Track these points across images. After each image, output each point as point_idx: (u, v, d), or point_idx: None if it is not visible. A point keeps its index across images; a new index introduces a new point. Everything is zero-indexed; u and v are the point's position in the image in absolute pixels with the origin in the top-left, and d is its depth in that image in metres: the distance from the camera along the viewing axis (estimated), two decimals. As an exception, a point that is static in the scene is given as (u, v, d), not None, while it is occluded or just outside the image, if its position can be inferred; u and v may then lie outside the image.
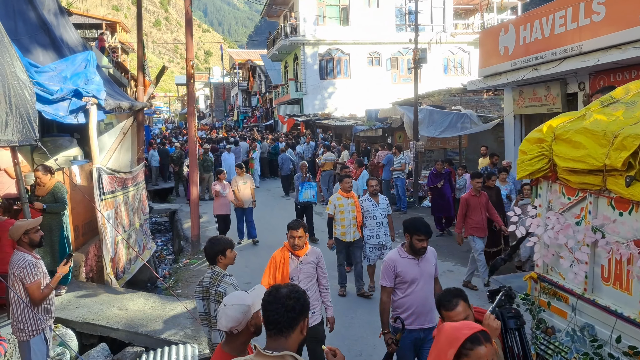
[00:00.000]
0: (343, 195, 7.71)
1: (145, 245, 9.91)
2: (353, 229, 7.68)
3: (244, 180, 11.16)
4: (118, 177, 8.37)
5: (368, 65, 32.27)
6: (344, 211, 7.64)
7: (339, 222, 7.69)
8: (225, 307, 2.69)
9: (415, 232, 4.19)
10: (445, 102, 19.37)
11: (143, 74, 11.51)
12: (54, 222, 6.82)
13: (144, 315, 6.54)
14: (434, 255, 4.45)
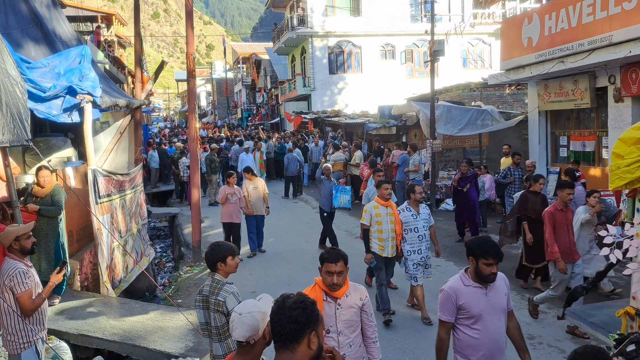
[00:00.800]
0: (381, 203, 7.14)
1: (144, 251, 9.95)
2: (392, 242, 7.13)
3: (255, 184, 10.87)
4: (114, 180, 8.42)
5: (381, 58, 32.22)
6: (381, 222, 7.08)
7: (375, 234, 7.13)
8: (241, 315, 2.67)
9: (483, 254, 3.60)
10: (465, 98, 19.29)
11: (141, 70, 11.58)
12: (50, 228, 6.85)
13: (143, 327, 6.57)
14: (505, 283, 3.83)
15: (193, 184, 11.12)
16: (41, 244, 6.69)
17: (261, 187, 10.91)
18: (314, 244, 11.60)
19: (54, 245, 6.88)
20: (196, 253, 10.99)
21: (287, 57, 38.69)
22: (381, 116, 18.95)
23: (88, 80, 7.14)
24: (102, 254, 7.53)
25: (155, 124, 53.75)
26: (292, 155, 18.06)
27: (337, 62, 32.13)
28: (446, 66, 29.59)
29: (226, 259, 4.17)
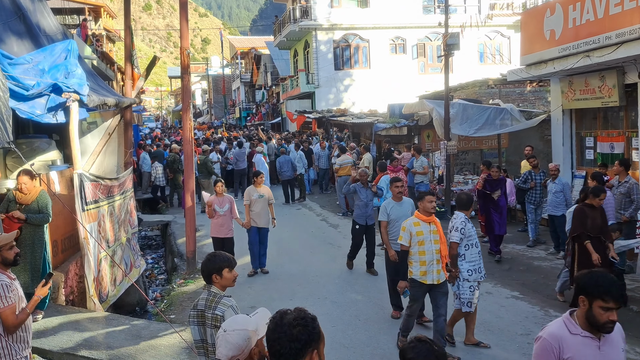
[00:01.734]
0: (422, 219, 6.50)
1: (133, 263, 9.96)
2: (437, 266, 6.45)
3: (261, 192, 10.28)
4: (103, 185, 8.43)
5: (391, 53, 32.25)
6: (423, 241, 6.43)
7: (416, 256, 6.47)
8: (226, 332, 2.66)
9: (601, 295, 2.99)
10: (482, 95, 19.26)
11: (131, 66, 11.63)
12: (37, 237, 6.85)
13: (133, 345, 6.56)
14: (621, 335, 3.22)
15: (187, 190, 11.13)
16: (26, 255, 6.69)
17: (267, 196, 10.33)
18: (319, 255, 11.58)
19: (40, 256, 6.88)
20: (191, 264, 10.98)
21: (289, 52, 38.78)
22: (391, 115, 18.94)
23: (74, 77, 7.17)
24: (88, 266, 7.54)
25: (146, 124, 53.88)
26: (284, 158, 18.11)
27: (343, 57, 32.17)
28: (461, 61, 29.59)
29: (222, 271, 4.15)
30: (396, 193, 7.85)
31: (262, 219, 10.31)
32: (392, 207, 7.86)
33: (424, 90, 24.19)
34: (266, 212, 10.36)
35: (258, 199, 10.24)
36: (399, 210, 7.80)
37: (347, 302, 8.63)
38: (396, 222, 7.65)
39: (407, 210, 7.74)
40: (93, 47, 22.21)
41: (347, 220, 15.03)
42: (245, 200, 10.28)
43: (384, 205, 7.84)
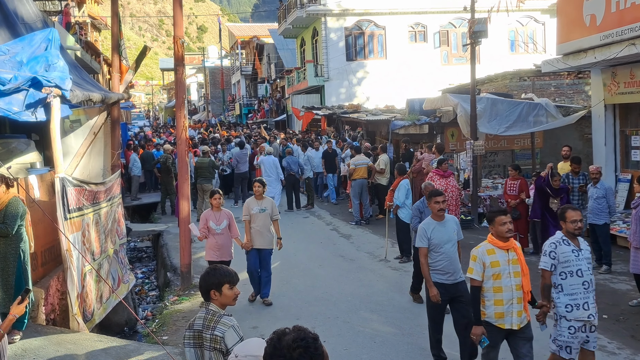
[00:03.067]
0: (499, 245, 5.81)
1: (122, 277, 9.99)
2: (517, 306, 5.74)
3: (263, 205, 9.56)
4: (87, 190, 8.47)
5: (410, 41, 32.23)
6: (500, 274, 5.74)
7: (490, 294, 5.78)
8: (237, 358, 2.67)
9: None
10: (513, 89, 19.19)
11: (119, 57, 11.69)
12: (10, 249, 6.85)
13: (120, 369, 6.58)
14: None
15: (182, 196, 11.16)
16: (-2, 268, 6.71)
17: (270, 210, 9.56)
18: (329, 269, 11.57)
19: (14, 270, 6.89)
20: (185, 279, 11.00)
21: (296, 40, 38.86)
22: (410, 112, 18.90)
23: (56, 71, 7.20)
24: (71, 281, 7.57)
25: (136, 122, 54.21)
26: (291, 159, 18.16)
27: (356, 46, 32.20)
28: (490, 50, 29.51)
29: (222, 287, 4.16)
30: (436, 210, 6.92)
31: (263, 239, 9.54)
32: (434, 228, 6.89)
33: (448, 84, 24.15)
34: (268, 230, 9.57)
35: (259, 214, 9.48)
36: (442, 233, 6.88)
37: (361, 322, 8.61)
38: (439, 247, 6.80)
39: (451, 231, 6.92)
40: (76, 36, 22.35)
41: (360, 230, 15.02)
42: (244, 216, 9.55)
43: (423, 228, 6.92)
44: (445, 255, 6.79)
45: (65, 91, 7.25)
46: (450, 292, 6.78)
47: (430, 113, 17.51)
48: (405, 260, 11.71)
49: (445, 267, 6.80)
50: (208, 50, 71.83)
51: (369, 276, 10.92)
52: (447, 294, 6.78)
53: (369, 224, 15.65)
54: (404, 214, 11.73)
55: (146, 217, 19.81)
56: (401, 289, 10.06)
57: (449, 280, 6.80)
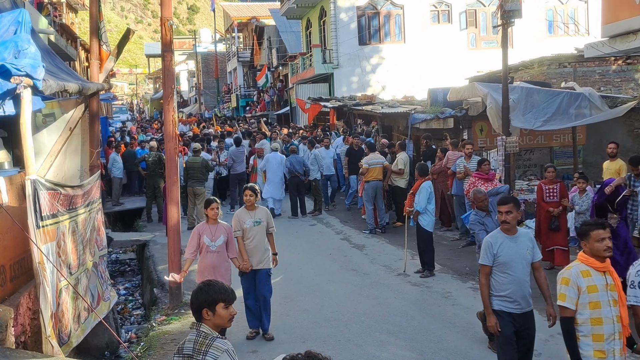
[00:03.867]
0: (594, 265, 5.52)
1: (102, 294, 10.01)
2: (619, 342, 5.45)
3: (256, 216, 9.09)
4: (63, 194, 8.49)
5: (432, 22, 32.19)
6: (599, 303, 5.41)
7: (587, 327, 5.44)
8: None
9: None
10: (551, 76, 19.11)
11: (99, 42, 11.71)
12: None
13: (100, 400, 6.59)
14: None
15: (171, 200, 11.18)
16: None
17: (266, 221, 9.11)
18: (340, 285, 11.56)
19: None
20: (175, 296, 11.01)
21: (300, 22, 38.88)
22: (432, 103, 18.86)
23: (26, 57, 7.22)
24: (45, 298, 7.58)
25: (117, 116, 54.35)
26: (295, 158, 18.13)
27: (369, 28, 32.19)
28: (524, 32, 29.42)
29: (215, 306, 4.16)
30: (500, 220, 6.56)
31: (258, 257, 9.03)
32: (502, 243, 6.48)
33: (476, 71, 24.08)
34: (264, 246, 9.09)
35: (253, 227, 9.00)
36: (512, 250, 6.46)
37: (377, 346, 8.61)
38: (507, 267, 6.42)
39: (524, 249, 6.50)
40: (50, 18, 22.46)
41: (375, 239, 15.01)
42: (236, 231, 9.01)
43: (489, 242, 6.51)
44: (514, 277, 6.38)
45: (37, 81, 7.27)
46: (517, 324, 6.43)
47: (456, 105, 17.45)
48: (427, 274, 11.69)
49: (513, 292, 6.40)
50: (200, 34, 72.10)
51: (385, 293, 10.90)
52: (513, 326, 6.41)
53: (385, 232, 15.63)
54: (426, 221, 11.71)
55: (130, 225, 19.86)
56: (423, 308, 10.04)
57: (516, 309, 6.42)
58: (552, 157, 16.78)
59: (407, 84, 29.66)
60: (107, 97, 28.57)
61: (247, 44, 54.64)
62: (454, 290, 10.89)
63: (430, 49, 31.13)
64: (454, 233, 15.02)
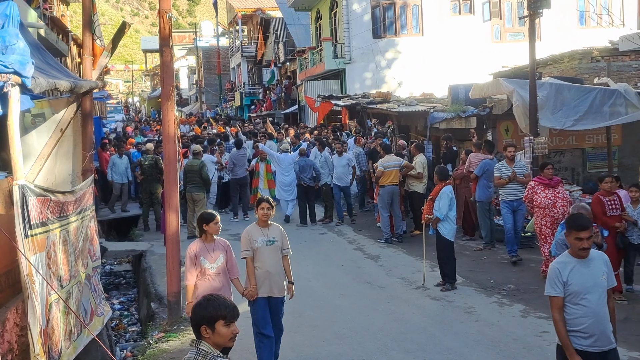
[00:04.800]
0: None
1: (95, 309, 10.02)
2: None
3: (270, 234, 8.41)
4: (53, 200, 8.52)
5: (452, 13, 32.13)
6: None
7: None
8: None
9: None
10: (583, 72, 19.04)
11: (92, 36, 11.75)
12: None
13: None
14: None
15: (170, 207, 11.18)
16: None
17: (280, 241, 8.46)
18: (353, 299, 11.53)
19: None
20: (174, 311, 11.01)
21: (310, 14, 38.90)
22: (453, 101, 18.82)
23: (14, 53, 7.25)
24: (33, 313, 7.60)
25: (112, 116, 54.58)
26: (304, 161, 18.10)
27: (384, 20, 32.17)
28: (554, 24, 29.32)
29: (215, 323, 4.15)
30: (577, 249, 6.00)
31: (273, 283, 8.36)
32: (573, 269, 5.99)
33: (500, 66, 24.00)
34: (280, 270, 8.46)
35: (266, 247, 8.33)
36: (585, 277, 5.97)
37: (394, 366, 8.58)
38: (580, 297, 5.93)
39: (599, 274, 6.01)
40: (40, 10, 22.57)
41: (391, 249, 14.98)
42: (245, 251, 8.36)
43: (556, 268, 6.01)
44: (589, 309, 5.86)
45: (26, 78, 7.30)
46: None
47: (479, 103, 17.43)
48: (448, 287, 11.65)
49: (588, 327, 5.87)
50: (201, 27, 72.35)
51: (402, 308, 10.88)
52: None
53: (401, 242, 15.60)
54: (447, 229, 11.66)
55: (125, 234, 19.90)
56: (443, 324, 10.01)
57: (593, 347, 5.89)
58: (584, 160, 16.72)
59: (425, 81, 29.57)
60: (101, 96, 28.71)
61: (252, 38, 54.73)
62: (477, 305, 10.84)
63: (451, 42, 31.05)
64: (477, 242, 14.97)
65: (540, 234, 12.02)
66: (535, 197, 11.98)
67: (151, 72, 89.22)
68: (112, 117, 52.97)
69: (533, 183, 12.26)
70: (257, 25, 51.80)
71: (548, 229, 11.74)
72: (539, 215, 11.97)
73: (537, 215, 12.02)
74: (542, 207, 11.86)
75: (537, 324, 9.76)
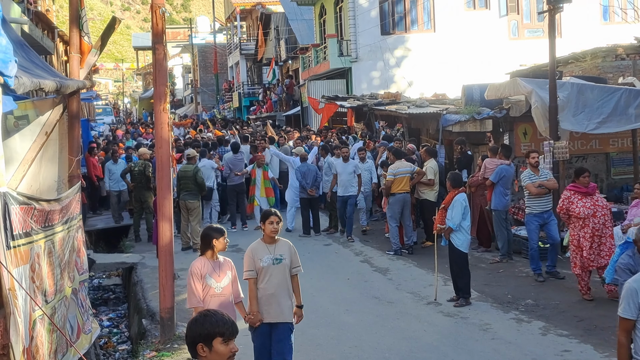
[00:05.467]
0: None
1: (82, 326, 10.01)
2: None
3: (277, 252, 8.04)
4: (37, 209, 8.51)
5: (466, 8, 32.14)
6: None
7: None
8: None
9: None
10: (607, 71, 19.02)
11: (79, 32, 11.77)
12: None
13: None
14: None
15: (163, 216, 11.17)
16: None
17: (289, 258, 8.10)
18: (359, 315, 11.53)
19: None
20: (167, 328, 11.00)
21: (313, 9, 39.00)
22: (467, 102, 18.81)
23: (-4, 51, 7.27)
24: (16, 330, 7.59)
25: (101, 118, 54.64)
26: (306, 167, 18.02)
27: (393, 15, 32.23)
28: (575, 19, 29.34)
29: (212, 340, 4.14)
30: None
31: (278, 307, 7.96)
32: None
33: (518, 64, 24.02)
34: (286, 292, 8.10)
35: (272, 267, 7.97)
36: None
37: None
38: None
39: None
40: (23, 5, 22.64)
41: (401, 261, 14.97)
42: (248, 271, 8.00)
43: (633, 288, 5.73)
44: None
45: (9, 78, 7.30)
46: None
47: (495, 104, 17.41)
48: (462, 303, 11.63)
49: None
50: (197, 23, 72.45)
51: (413, 325, 10.87)
52: None
53: (412, 253, 15.59)
54: (460, 240, 11.63)
55: (114, 245, 19.89)
56: (456, 343, 9.99)
57: None
58: (608, 165, 16.67)
59: (437, 80, 29.62)
60: (89, 97, 28.72)
61: (252, 35, 54.87)
62: (493, 321, 10.82)
63: (465, 38, 31.11)
64: (494, 254, 14.93)
65: (578, 247, 11.71)
66: (572, 208, 11.73)
67: (143, 71, 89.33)
68: (101, 120, 53.00)
69: (568, 192, 12.03)
70: (256, 21, 51.92)
71: (587, 241, 11.51)
72: (577, 226, 11.76)
73: (575, 227, 11.80)
74: (581, 218, 11.66)
75: (558, 342, 9.74)
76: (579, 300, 11.61)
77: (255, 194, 18.71)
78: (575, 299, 11.65)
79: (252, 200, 18.90)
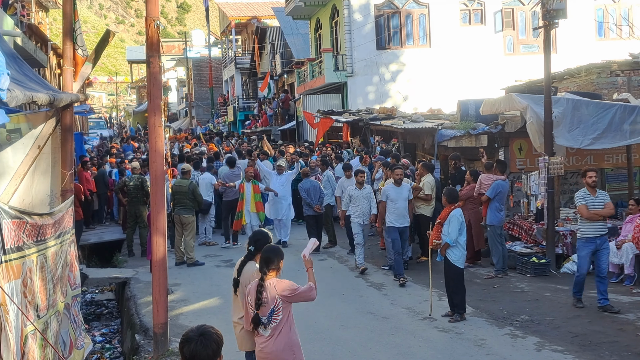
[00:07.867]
0: None
1: (74, 341, 9.98)
2: None
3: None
4: (30, 223, 8.50)
5: (461, 23, 32.31)
6: None
7: None
8: None
9: None
10: (602, 86, 19.10)
11: (73, 45, 11.79)
12: None
13: None
14: None
15: (156, 231, 11.16)
16: None
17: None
18: (355, 330, 11.50)
19: None
20: (161, 344, 10.96)
21: (309, 23, 39.10)
22: (463, 117, 18.88)
23: (-11, 64, 7.28)
24: (7, 346, 7.56)
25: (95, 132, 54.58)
26: (310, 183, 17.88)
27: (389, 30, 32.34)
28: (570, 35, 29.50)
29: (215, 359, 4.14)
30: None
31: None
32: None
33: (513, 80, 24.12)
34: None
35: None
36: None
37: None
38: None
39: None
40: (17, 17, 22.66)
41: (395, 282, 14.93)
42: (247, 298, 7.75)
43: None
44: None
45: (1, 91, 7.31)
46: None
47: (490, 119, 17.47)
48: (457, 318, 11.62)
49: None
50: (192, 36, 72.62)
51: (408, 340, 10.84)
52: None
53: (407, 268, 15.53)
54: (456, 256, 11.62)
55: (108, 260, 19.83)
56: (452, 358, 9.98)
57: None
58: (603, 181, 16.70)
59: (432, 95, 29.72)
60: (82, 110, 28.69)
61: (247, 48, 54.98)
62: (488, 337, 10.80)
63: (460, 54, 31.23)
64: (488, 270, 14.92)
65: None
66: None
67: (137, 85, 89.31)
68: (95, 133, 52.91)
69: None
70: (252, 35, 52.03)
71: None
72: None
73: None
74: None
75: (553, 358, 9.73)
76: (574, 315, 11.62)
77: (245, 209, 18.24)
78: (570, 315, 11.65)
79: (239, 217, 18.33)
